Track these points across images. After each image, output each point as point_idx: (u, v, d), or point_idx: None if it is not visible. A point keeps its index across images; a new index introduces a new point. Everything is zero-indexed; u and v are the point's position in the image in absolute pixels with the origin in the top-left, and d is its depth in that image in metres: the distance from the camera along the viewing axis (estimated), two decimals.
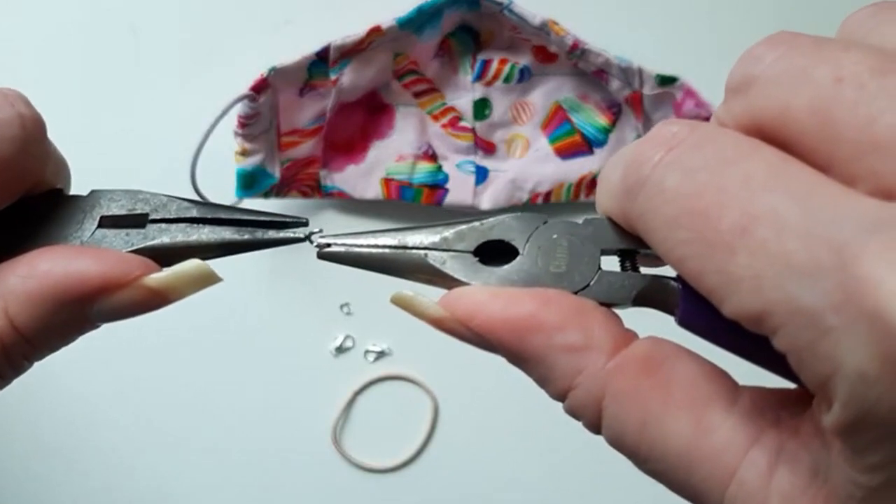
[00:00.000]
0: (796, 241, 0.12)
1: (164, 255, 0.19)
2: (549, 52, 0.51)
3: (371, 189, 0.52)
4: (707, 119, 0.46)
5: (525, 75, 0.52)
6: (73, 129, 0.54)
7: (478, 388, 0.53)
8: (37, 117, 0.19)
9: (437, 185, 0.52)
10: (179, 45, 0.54)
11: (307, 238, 0.19)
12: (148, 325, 0.55)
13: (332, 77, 0.49)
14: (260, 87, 0.47)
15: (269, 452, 0.54)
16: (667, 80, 0.48)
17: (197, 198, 0.48)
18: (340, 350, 0.53)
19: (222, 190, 0.49)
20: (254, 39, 0.53)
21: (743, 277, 0.13)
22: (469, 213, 0.53)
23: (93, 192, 0.20)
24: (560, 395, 0.17)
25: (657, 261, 0.17)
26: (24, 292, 0.17)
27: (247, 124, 0.48)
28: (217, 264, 0.21)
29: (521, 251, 0.18)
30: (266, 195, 0.51)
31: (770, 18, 0.55)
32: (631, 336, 0.17)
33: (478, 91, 0.52)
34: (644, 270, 0.18)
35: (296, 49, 0.48)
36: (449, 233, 0.18)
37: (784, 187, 0.13)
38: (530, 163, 0.52)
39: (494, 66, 0.51)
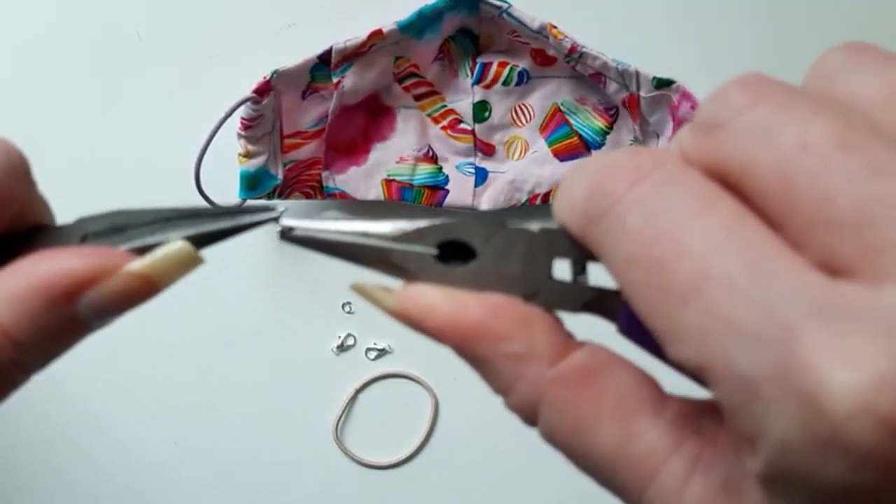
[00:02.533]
0: (744, 308, 0.13)
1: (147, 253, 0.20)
2: (547, 56, 0.52)
3: (372, 190, 0.53)
4: None
5: (524, 78, 0.52)
6: (80, 133, 0.55)
7: (478, 385, 0.53)
8: (20, 151, 0.20)
9: (438, 187, 0.53)
10: (184, 50, 0.54)
11: (277, 219, 0.20)
12: (151, 323, 0.56)
13: (334, 80, 0.49)
14: (263, 90, 0.47)
15: (271, 449, 0.55)
16: (663, 83, 0.48)
17: (200, 197, 0.48)
18: (342, 348, 0.54)
19: (226, 191, 0.50)
20: (257, 43, 0.54)
21: (690, 330, 0.13)
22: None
23: (79, 219, 0.20)
24: (500, 395, 0.18)
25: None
26: (8, 293, 0.17)
27: (250, 126, 0.48)
28: (220, 265, 0.21)
29: (478, 253, 0.18)
30: (269, 196, 0.51)
31: (765, 23, 0.55)
32: (572, 345, 0.17)
33: (477, 94, 0.52)
34: (592, 281, 0.18)
35: (298, 52, 0.48)
36: (413, 228, 0.19)
37: (739, 250, 0.13)
38: (529, 164, 0.53)
39: (494, 69, 0.52)
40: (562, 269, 0.18)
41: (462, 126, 0.53)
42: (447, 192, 0.53)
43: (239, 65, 0.53)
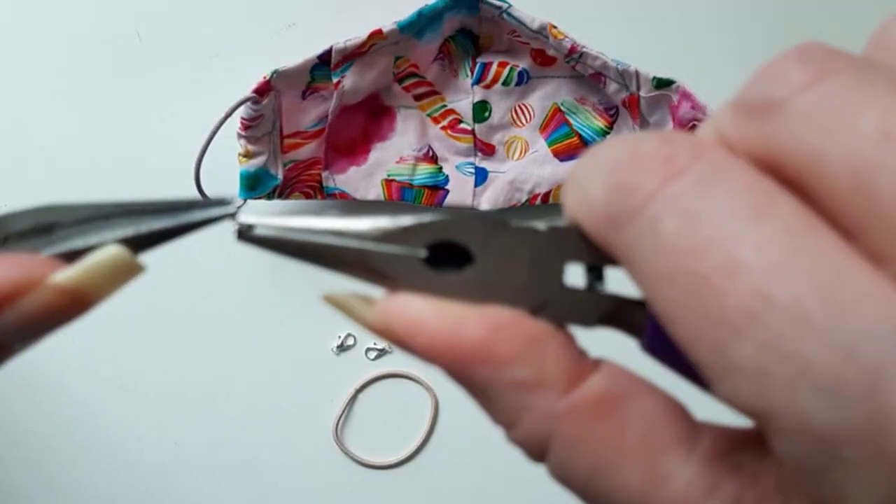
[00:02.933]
0: (818, 346, 0.10)
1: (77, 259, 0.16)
2: (547, 56, 0.52)
3: (373, 190, 0.53)
4: (703, 121, 0.47)
5: (524, 78, 0.52)
6: (79, 133, 0.55)
7: None
8: None
9: (438, 187, 0.53)
10: (184, 50, 0.54)
11: (233, 215, 0.16)
12: (151, 323, 0.56)
13: (334, 80, 0.49)
14: (263, 90, 0.47)
15: (271, 449, 0.55)
16: (663, 83, 0.48)
17: (199, 197, 0.48)
18: (342, 348, 0.54)
19: (226, 191, 0.50)
20: (257, 43, 0.54)
21: (745, 368, 0.11)
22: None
23: (0, 216, 0.17)
24: (503, 428, 0.15)
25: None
26: None
27: (250, 126, 0.48)
28: (223, 264, 0.20)
29: (475, 257, 0.15)
30: (269, 196, 0.51)
31: (768, 21, 0.55)
32: (587, 368, 0.15)
33: (477, 94, 0.52)
34: (611, 288, 0.16)
35: (298, 52, 0.48)
36: (397, 226, 0.15)
37: (809, 267, 0.11)
38: (529, 164, 0.53)
39: (494, 69, 0.52)
40: (574, 276, 0.15)
41: (462, 126, 0.53)
42: (447, 192, 0.53)
43: (239, 65, 0.53)
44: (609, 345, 0.16)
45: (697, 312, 0.11)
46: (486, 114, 0.53)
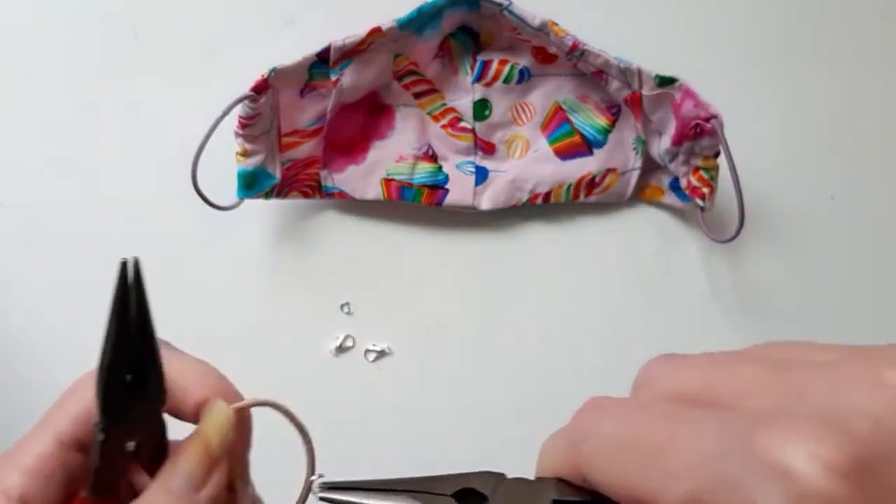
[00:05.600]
0: (712, 436, 0.16)
1: None
2: (548, 53, 0.51)
3: (371, 189, 0.52)
4: (706, 120, 0.46)
5: (525, 76, 0.52)
6: (76, 131, 0.54)
7: (479, 384, 0.53)
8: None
9: (438, 186, 0.52)
10: (181, 47, 0.54)
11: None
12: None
13: (333, 78, 0.49)
14: (261, 88, 0.47)
15: (270, 449, 0.55)
16: (666, 81, 0.48)
17: (197, 196, 0.48)
18: (341, 349, 0.53)
19: (224, 190, 0.49)
20: (255, 40, 0.54)
21: (679, 470, 0.17)
22: (469, 215, 0.53)
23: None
24: None
25: None
26: None
27: (247, 125, 0.48)
28: (219, 265, 0.21)
29: (489, 498, 0.22)
30: (267, 196, 0.51)
31: (771, 18, 0.55)
32: None
33: (478, 92, 0.52)
34: None
35: (296, 50, 0.48)
36: (429, 477, 0.23)
37: (687, 416, 0.18)
38: (530, 163, 0.52)
39: (494, 66, 0.51)
40: None
41: (462, 124, 0.52)
42: (447, 191, 0.52)
43: (237, 62, 0.52)
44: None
45: (638, 460, 0.18)
46: (487, 112, 0.52)
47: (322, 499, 0.23)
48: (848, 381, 0.16)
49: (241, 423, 0.28)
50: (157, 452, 0.25)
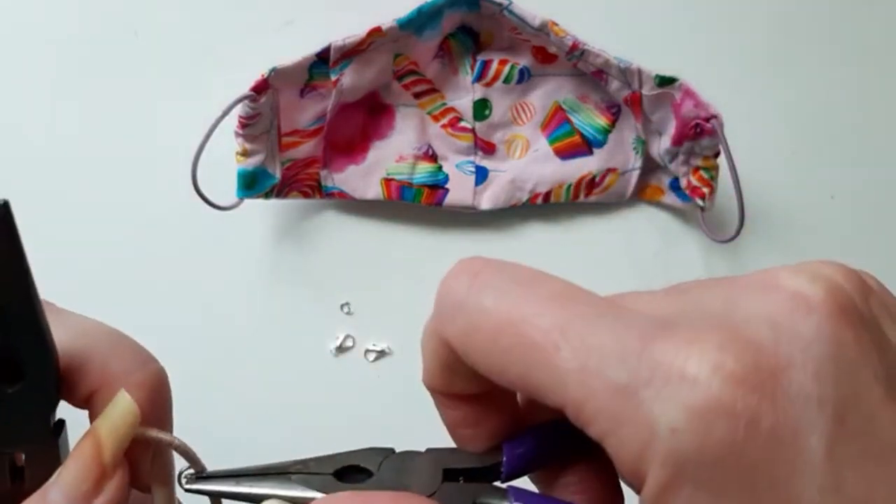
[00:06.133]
0: (608, 334, 0.15)
1: None
2: (548, 53, 0.51)
3: (371, 189, 0.52)
4: (706, 120, 0.46)
5: (525, 76, 0.52)
6: (76, 132, 0.54)
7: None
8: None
9: (438, 185, 0.52)
10: (181, 47, 0.54)
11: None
12: (150, 324, 0.56)
13: (333, 78, 0.49)
14: (261, 88, 0.47)
15: (269, 450, 0.55)
16: (666, 81, 0.48)
17: (197, 196, 0.48)
18: (341, 349, 0.53)
19: (224, 190, 0.49)
20: (255, 40, 0.54)
21: (569, 370, 0.15)
22: (469, 215, 0.53)
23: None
24: None
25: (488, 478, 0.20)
26: None
27: (247, 125, 0.48)
28: (218, 265, 0.21)
29: (374, 472, 0.21)
30: (267, 196, 0.51)
31: (771, 18, 0.55)
32: None
33: (478, 91, 0.52)
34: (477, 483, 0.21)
35: (296, 50, 0.48)
36: (309, 458, 0.22)
37: (583, 301, 0.17)
38: (530, 163, 0.52)
39: (494, 66, 0.51)
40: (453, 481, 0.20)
41: (462, 124, 0.52)
42: (447, 191, 0.52)
43: (237, 62, 0.52)
44: None
45: (525, 346, 0.16)
46: (487, 112, 0.52)
47: (188, 490, 0.22)
48: (744, 288, 0.16)
49: (160, 417, 0.24)
50: (51, 463, 0.20)
